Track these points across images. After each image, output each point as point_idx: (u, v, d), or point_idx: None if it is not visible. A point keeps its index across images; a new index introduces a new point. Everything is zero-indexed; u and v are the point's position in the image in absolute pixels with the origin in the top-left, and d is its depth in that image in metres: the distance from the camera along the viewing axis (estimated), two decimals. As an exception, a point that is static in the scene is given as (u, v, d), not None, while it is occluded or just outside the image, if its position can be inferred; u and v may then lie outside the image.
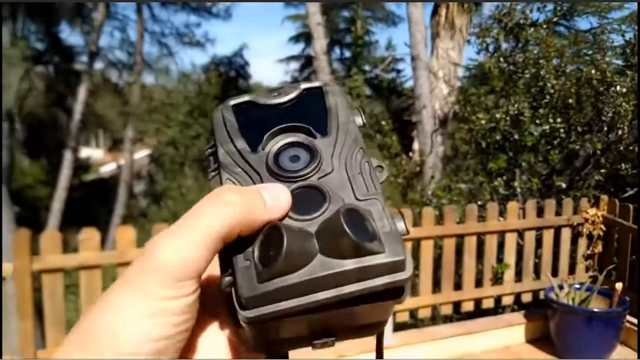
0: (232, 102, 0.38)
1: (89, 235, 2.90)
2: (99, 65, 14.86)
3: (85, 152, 20.08)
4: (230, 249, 0.31)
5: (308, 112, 0.37)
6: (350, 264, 0.29)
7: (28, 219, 11.73)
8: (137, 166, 16.35)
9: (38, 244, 2.82)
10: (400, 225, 0.31)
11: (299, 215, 0.31)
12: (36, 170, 17.49)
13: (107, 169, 20.50)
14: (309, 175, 0.33)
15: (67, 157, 12.88)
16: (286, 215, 0.31)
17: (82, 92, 13.15)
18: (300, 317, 0.29)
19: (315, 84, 0.38)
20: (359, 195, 0.32)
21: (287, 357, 0.35)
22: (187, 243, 0.29)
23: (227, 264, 0.31)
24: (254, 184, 0.33)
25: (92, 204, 16.23)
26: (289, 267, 0.28)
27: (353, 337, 0.33)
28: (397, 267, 0.30)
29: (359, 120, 0.37)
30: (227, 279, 0.31)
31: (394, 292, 0.31)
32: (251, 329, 0.30)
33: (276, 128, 0.35)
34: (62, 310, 2.90)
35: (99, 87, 15.54)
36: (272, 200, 0.31)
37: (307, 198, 0.32)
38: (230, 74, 16.19)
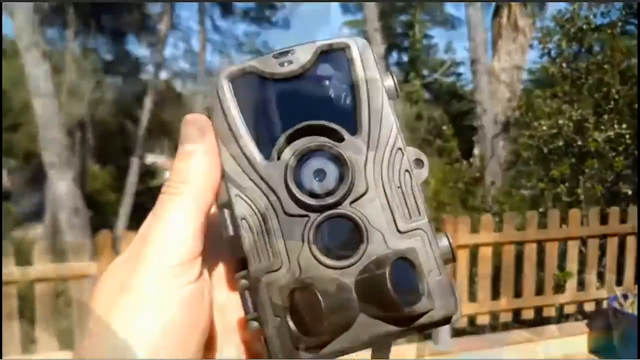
0: (229, 75, 0.30)
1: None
2: (163, 75, 15.53)
3: (150, 159, 20.90)
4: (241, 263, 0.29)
5: (328, 88, 0.29)
6: (397, 328, 0.26)
7: (98, 222, 12.34)
8: (199, 172, 16.91)
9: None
10: (445, 248, 0.28)
11: (333, 260, 0.27)
12: (105, 175, 18.38)
13: (171, 174, 21.18)
14: (339, 201, 0.28)
15: (134, 163, 13.47)
16: (317, 260, 0.27)
17: (148, 102, 13.73)
18: None
19: (335, 41, 0.29)
20: (400, 226, 0.27)
21: None
22: (176, 226, 0.31)
23: (246, 300, 0.29)
24: (273, 209, 0.28)
25: (157, 208, 16.84)
26: (329, 334, 0.26)
27: None
28: (448, 319, 0.27)
29: (390, 87, 0.29)
30: (254, 324, 0.28)
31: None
32: None
33: (292, 129, 0.28)
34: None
35: (163, 96, 16.18)
36: (193, 141, 0.30)
37: (340, 234, 0.28)
38: (289, 82, 16.46)
